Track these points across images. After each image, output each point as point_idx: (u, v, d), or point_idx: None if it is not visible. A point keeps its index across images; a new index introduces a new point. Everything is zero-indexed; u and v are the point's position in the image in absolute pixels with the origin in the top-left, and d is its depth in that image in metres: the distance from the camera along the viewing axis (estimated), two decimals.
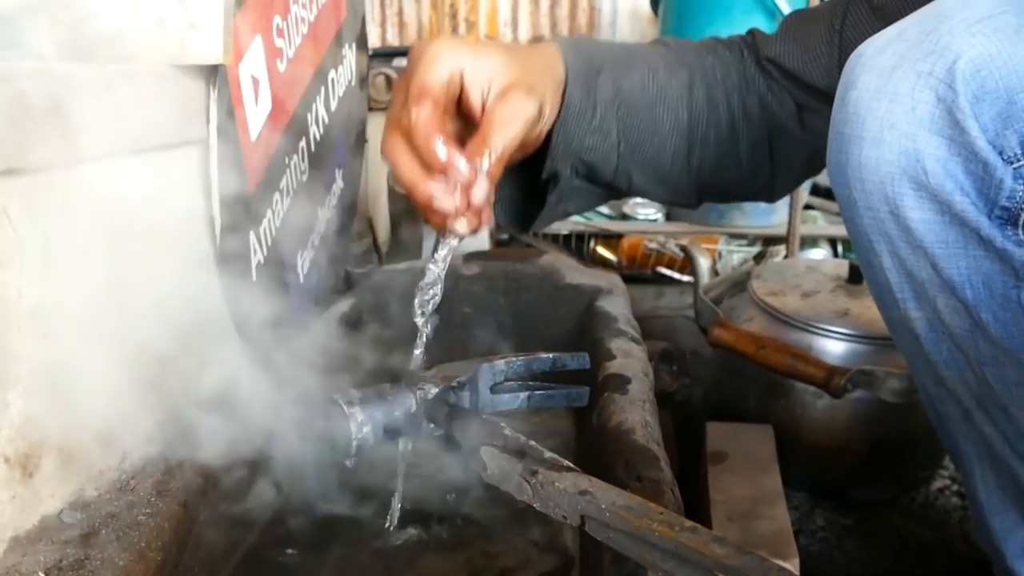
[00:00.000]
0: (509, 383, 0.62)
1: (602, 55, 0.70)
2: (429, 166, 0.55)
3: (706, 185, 0.77)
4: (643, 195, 0.83)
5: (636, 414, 0.67)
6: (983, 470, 0.61)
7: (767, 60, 0.74)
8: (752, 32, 0.78)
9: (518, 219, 0.76)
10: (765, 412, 1.07)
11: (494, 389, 0.61)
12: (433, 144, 0.54)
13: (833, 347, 1.02)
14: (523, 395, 0.63)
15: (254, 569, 0.66)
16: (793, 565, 0.78)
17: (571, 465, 0.51)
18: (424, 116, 0.55)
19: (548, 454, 0.52)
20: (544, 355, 0.63)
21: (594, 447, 0.68)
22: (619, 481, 0.57)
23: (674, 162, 0.74)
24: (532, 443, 0.54)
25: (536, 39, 2.34)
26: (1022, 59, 0.45)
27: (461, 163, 0.54)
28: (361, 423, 0.57)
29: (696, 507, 0.93)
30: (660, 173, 0.74)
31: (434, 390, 0.60)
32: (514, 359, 0.62)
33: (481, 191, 0.55)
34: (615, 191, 0.78)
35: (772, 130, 0.75)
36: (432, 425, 0.59)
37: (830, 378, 0.92)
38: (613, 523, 0.45)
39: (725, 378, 1.16)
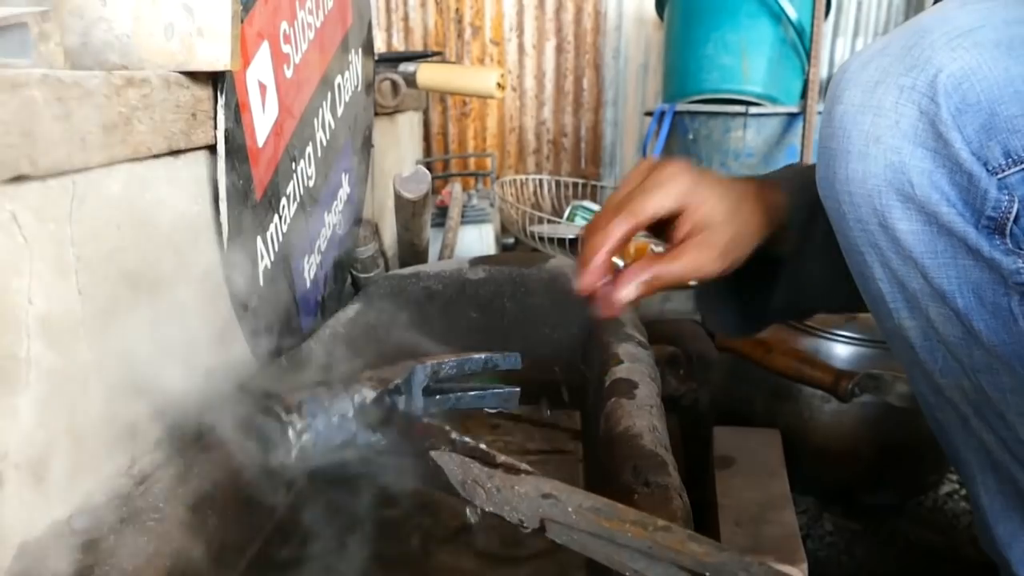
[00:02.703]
0: (442, 384, 0.62)
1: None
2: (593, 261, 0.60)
3: None
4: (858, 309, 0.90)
5: (643, 419, 0.66)
6: (984, 477, 0.61)
7: None
8: None
9: (726, 324, 0.78)
10: (773, 416, 1.07)
11: (427, 391, 0.61)
12: (598, 259, 0.59)
13: (840, 351, 1.02)
14: (455, 396, 0.63)
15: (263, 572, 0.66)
16: (801, 570, 0.77)
17: (528, 468, 0.49)
18: (616, 232, 0.59)
19: (502, 457, 0.51)
20: (476, 355, 0.64)
21: (602, 452, 0.68)
22: (627, 486, 0.56)
23: None
24: (483, 446, 0.52)
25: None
26: (1002, 72, 0.46)
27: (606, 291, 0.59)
28: (300, 431, 0.56)
29: (703, 512, 0.93)
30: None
31: (370, 394, 0.58)
32: (446, 360, 0.63)
33: (623, 294, 0.59)
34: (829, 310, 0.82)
35: None
36: (371, 432, 0.58)
37: (837, 382, 0.92)
38: (580, 525, 0.44)
39: (732, 382, 1.15)
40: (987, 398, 0.55)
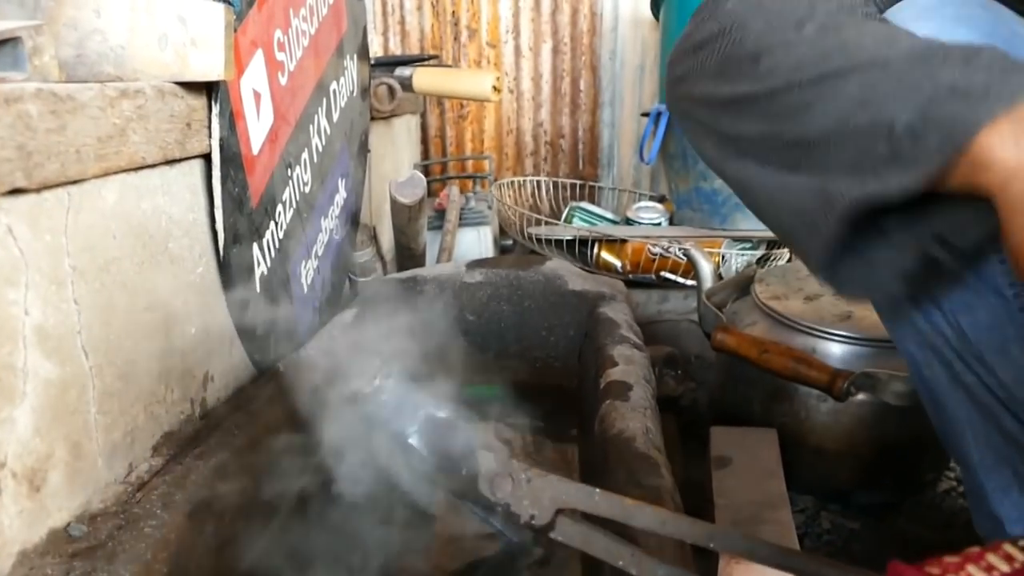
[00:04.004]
0: None
1: None
2: None
3: None
4: None
5: (637, 421, 0.67)
6: (974, 430, 0.62)
7: None
8: None
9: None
10: (769, 416, 1.07)
11: None
12: None
13: (836, 350, 1.02)
14: None
15: None
16: None
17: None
18: None
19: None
20: None
21: (596, 454, 0.68)
22: (620, 488, 0.57)
23: None
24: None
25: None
26: (957, 38, 0.52)
27: None
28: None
29: (700, 512, 0.93)
30: None
31: (442, 414, 0.59)
32: None
33: None
34: None
35: None
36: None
37: (833, 381, 0.92)
38: (600, 509, 0.47)
39: (729, 382, 1.16)
40: (967, 339, 0.58)
